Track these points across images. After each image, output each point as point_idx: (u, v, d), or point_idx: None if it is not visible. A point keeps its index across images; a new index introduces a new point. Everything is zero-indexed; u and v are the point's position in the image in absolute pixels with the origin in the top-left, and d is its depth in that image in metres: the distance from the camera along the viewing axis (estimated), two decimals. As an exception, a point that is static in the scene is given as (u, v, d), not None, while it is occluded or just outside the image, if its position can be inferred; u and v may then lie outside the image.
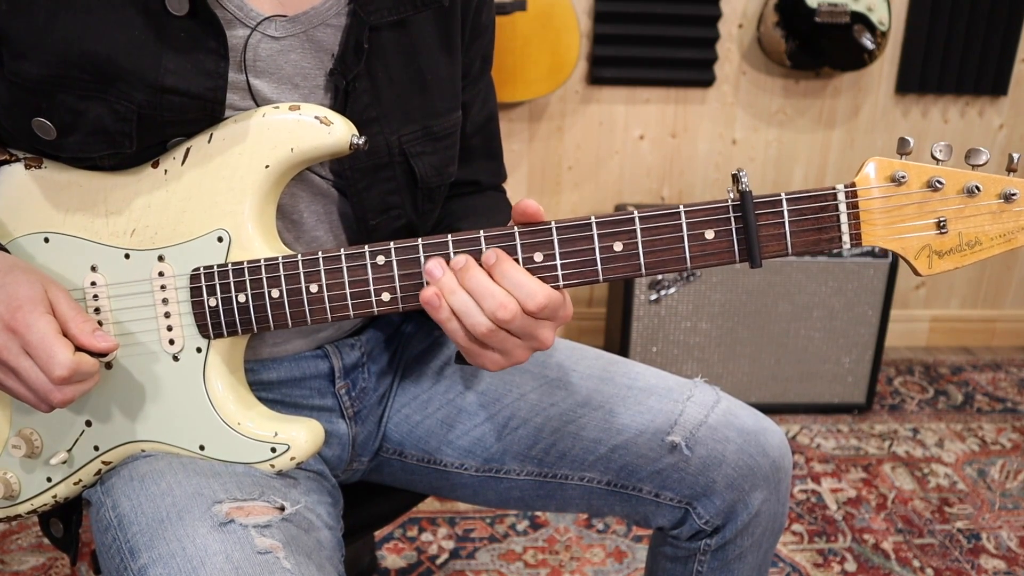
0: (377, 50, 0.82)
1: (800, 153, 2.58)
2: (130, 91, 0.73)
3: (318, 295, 0.75)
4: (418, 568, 1.67)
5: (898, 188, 0.69)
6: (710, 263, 0.71)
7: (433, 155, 0.88)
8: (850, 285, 2.18)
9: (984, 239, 0.69)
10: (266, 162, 0.76)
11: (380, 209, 0.86)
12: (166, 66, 0.74)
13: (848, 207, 0.70)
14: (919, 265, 0.70)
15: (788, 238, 0.70)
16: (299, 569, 0.70)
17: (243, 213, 0.76)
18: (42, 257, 0.80)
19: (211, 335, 0.78)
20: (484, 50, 0.96)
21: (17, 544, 1.71)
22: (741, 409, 0.95)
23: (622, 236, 0.71)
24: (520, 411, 0.95)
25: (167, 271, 0.78)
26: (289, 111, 0.76)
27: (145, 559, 0.71)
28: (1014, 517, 1.87)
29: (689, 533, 0.94)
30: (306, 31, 0.80)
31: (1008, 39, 2.46)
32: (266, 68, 0.79)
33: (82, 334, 0.71)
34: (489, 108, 1.00)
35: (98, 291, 0.79)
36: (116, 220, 0.79)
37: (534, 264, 0.72)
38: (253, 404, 0.81)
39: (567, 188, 2.54)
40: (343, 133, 0.75)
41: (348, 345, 0.94)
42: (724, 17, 2.40)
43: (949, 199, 0.69)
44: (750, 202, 0.69)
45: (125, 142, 0.76)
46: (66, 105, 0.74)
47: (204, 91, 0.75)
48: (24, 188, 0.80)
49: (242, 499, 0.75)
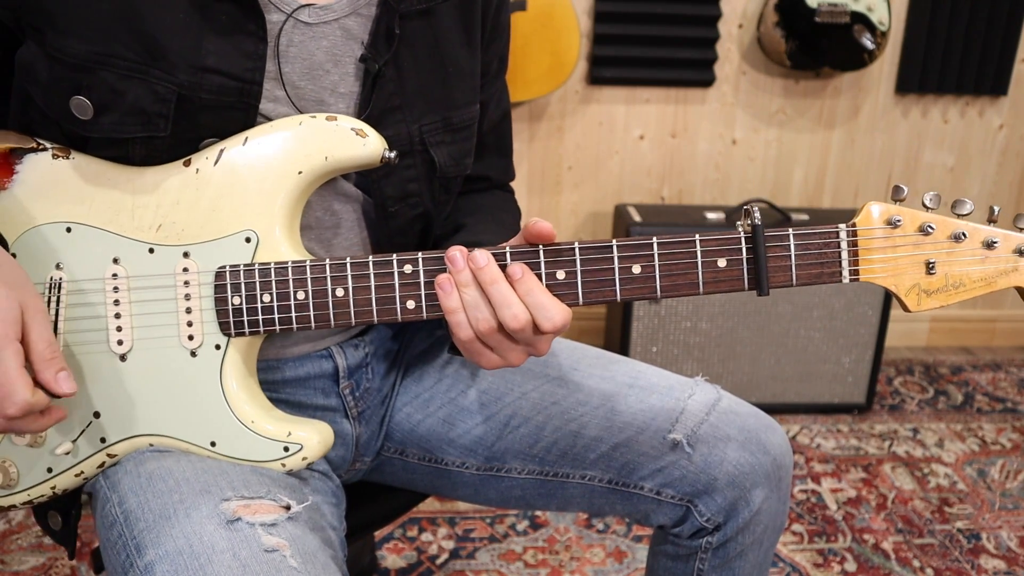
0: (405, 38, 0.85)
1: (800, 153, 2.58)
2: (172, 70, 0.75)
3: (343, 299, 0.77)
4: (418, 568, 1.67)
5: (894, 231, 0.75)
6: (720, 289, 0.76)
7: (452, 145, 0.90)
8: (850, 285, 2.18)
9: (967, 281, 0.76)
10: (299, 168, 0.78)
11: (399, 196, 0.88)
12: (207, 47, 0.76)
13: (849, 245, 0.75)
14: (909, 302, 0.76)
15: (793, 271, 0.76)
16: (305, 568, 0.70)
17: (272, 216, 0.78)
18: (63, 247, 0.80)
19: (232, 333, 0.79)
20: (501, 51, 0.99)
21: (17, 544, 1.71)
22: (742, 407, 0.96)
23: (640, 259, 0.76)
24: (521, 410, 0.95)
25: (192, 267, 0.79)
26: (327, 120, 0.78)
27: (151, 556, 0.71)
28: (1014, 517, 1.88)
29: (690, 531, 0.94)
30: (338, 19, 0.83)
31: (1008, 39, 2.46)
32: (298, 54, 0.81)
33: (44, 374, 0.69)
34: (503, 107, 1.03)
35: (119, 283, 0.79)
36: (143, 214, 0.79)
37: (556, 281, 0.75)
38: (266, 404, 0.82)
39: (567, 188, 2.55)
40: (376, 146, 0.79)
41: (352, 345, 0.94)
42: (724, 17, 2.40)
43: (939, 243, 0.75)
44: (761, 235, 0.75)
45: (160, 123, 0.76)
46: (107, 84, 0.75)
47: (243, 72, 0.77)
48: (49, 177, 0.80)
49: (249, 497, 0.75)
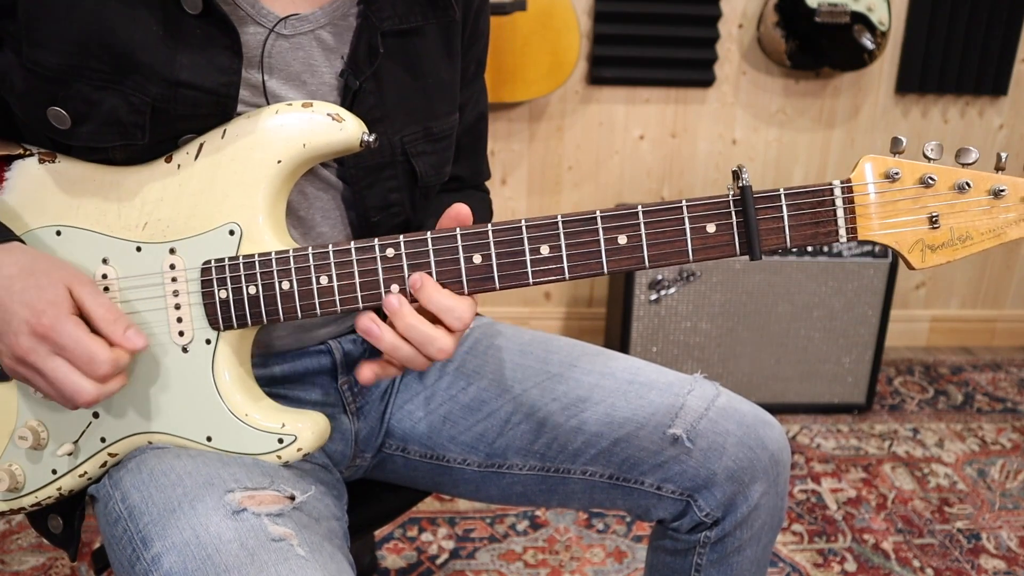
0: (385, 54, 0.84)
1: (800, 153, 2.58)
2: (145, 84, 0.75)
3: (328, 287, 0.77)
4: (418, 568, 1.67)
5: (892, 184, 0.72)
6: (711, 256, 0.74)
7: (432, 155, 0.90)
8: (850, 285, 2.18)
9: (975, 234, 0.72)
10: (278, 157, 0.78)
11: (381, 206, 0.88)
12: (181, 62, 0.75)
13: (844, 202, 0.73)
14: (912, 259, 0.73)
15: (787, 232, 0.73)
16: (313, 556, 0.70)
17: (255, 207, 0.78)
18: (54, 250, 0.80)
19: (221, 327, 0.78)
20: (479, 55, 0.99)
21: (17, 544, 1.71)
22: (741, 403, 0.96)
23: (626, 229, 0.73)
24: (522, 406, 0.96)
25: (178, 264, 0.79)
26: (302, 108, 0.78)
27: (158, 547, 0.71)
28: (1014, 517, 1.87)
29: (689, 525, 0.94)
30: (313, 30, 0.82)
31: (1008, 39, 2.47)
32: (275, 64, 0.81)
33: (114, 335, 0.72)
34: (480, 109, 1.03)
35: (109, 283, 0.80)
36: (128, 214, 0.80)
37: (540, 256, 0.74)
38: (260, 396, 0.82)
39: (567, 188, 2.55)
40: (354, 130, 0.77)
41: (350, 341, 0.94)
42: (724, 17, 2.40)
43: (941, 195, 0.72)
44: (750, 197, 0.72)
45: (137, 133, 0.77)
46: (82, 95, 0.75)
47: (217, 87, 0.77)
48: (38, 182, 0.81)
49: (253, 488, 0.75)
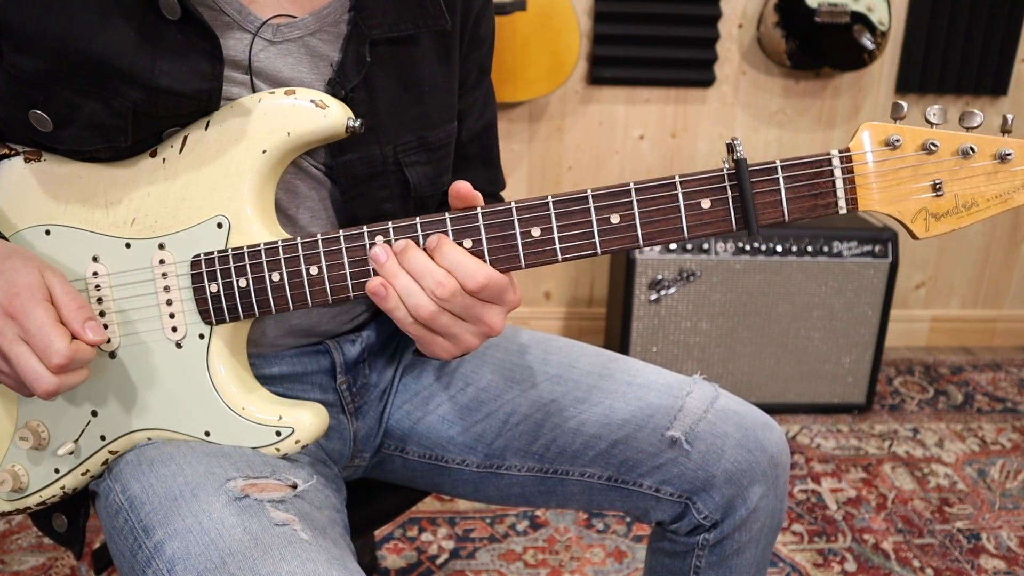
0: (376, 61, 0.83)
1: (800, 153, 2.58)
2: (125, 89, 0.74)
3: (318, 277, 0.76)
4: (418, 568, 1.67)
5: (893, 152, 0.68)
6: (707, 232, 0.71)
7: (427, 165, 0.89)
8: (850, 285, 2.18)
9: (980, 200, 0.69)
10: (263, 147, 0.77)
11: (373, 216, 0.86)
12: (161, 67, 0.74)
13: (843, 172, 0.69)
14: (916, 228, 0.69)
15: (784, 205, 0.70)
16: (316, 541, 0.70)
17: (242, 199, 0.77)
18: (44, 249, 0.80)
19: (213, 321, 0.78)
20: (482, 60, 0.96)
21: (17, 544, 1.71)
22: (740, 405, 0.96)
23: (619, 208, 0.71)
24: (521, 407, 0.95)
25: (168, 259, 0.78)
26: (285, 95, 0.76)
27: (161, 535, 0.71)
28: (1014, 517, 1.87)
29: (688, 528, 0.94)
30: (302, 37, 0.81)
31: (1008, 39, 2.46)
32: (262, 70, 0.80)
33: (74, 325, 0.71)
34: (487, 117, 1.00)
35: (100, 281, 0.79)
36: (116, 210, 0.79)
37: (532, 239, 0.72)
38: (256, 388, 0.82)
39: (567, 188, 2.54)
40: (339, 116, 0.76)
41: (349, 340, 0.94)
42: (724, 17, 2.40)
43: (944, 161, 0.68)
44: (745, 170, 0.69)
45: (120, 136, 0.76)
46: (62, 99, 0.74)
47: (198, 92, 0.76)
48: (24, 181, 0.80)
49: (255, 477, 0.75)
